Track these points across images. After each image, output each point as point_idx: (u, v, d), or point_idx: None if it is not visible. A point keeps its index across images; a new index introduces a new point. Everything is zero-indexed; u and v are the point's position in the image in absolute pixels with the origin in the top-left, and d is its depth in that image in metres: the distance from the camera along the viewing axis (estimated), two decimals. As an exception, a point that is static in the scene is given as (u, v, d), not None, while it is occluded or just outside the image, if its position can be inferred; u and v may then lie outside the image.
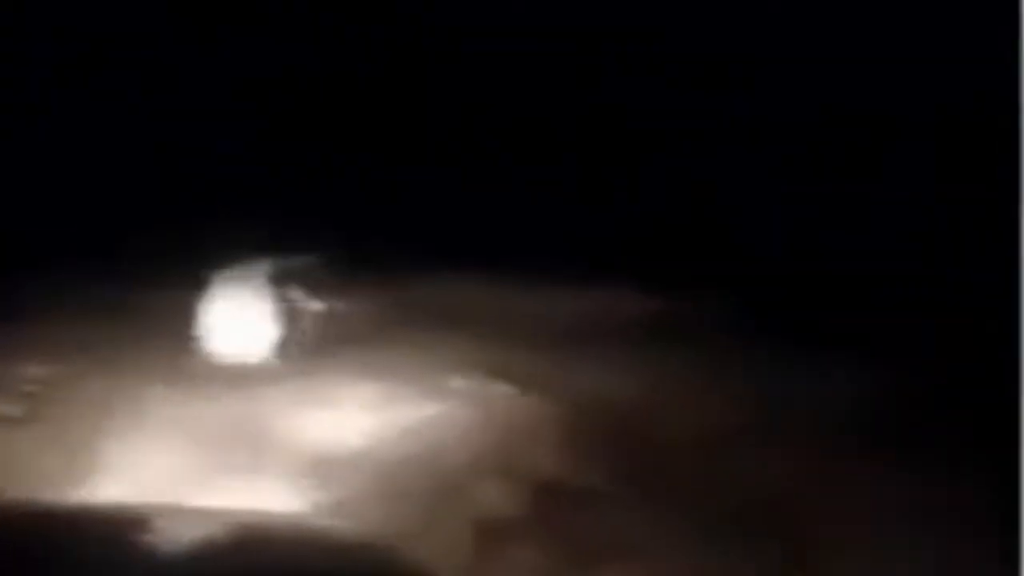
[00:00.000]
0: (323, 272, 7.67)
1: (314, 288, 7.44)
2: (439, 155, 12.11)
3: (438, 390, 6.59)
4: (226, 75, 12.86)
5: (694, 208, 10.79)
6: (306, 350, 7.02)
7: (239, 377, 6.79)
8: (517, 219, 10.55)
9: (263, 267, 7.38)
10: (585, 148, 12.31)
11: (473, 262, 9.06)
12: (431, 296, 8.22)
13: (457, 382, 6.65)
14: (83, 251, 9.38)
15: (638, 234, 10.34)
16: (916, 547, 4.96)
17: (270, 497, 5.22)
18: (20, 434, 5.96)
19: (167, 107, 12.50)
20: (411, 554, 4.70)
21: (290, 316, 7.19)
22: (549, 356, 7.12)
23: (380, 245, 9.50)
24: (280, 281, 7.41)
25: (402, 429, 6.09)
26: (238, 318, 7.12)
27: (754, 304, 8.45)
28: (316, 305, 7.29)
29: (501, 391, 6.54)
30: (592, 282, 8.69)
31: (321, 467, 5.63)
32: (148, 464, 5.59)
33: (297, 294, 7.25)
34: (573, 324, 7.84)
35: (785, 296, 8.62)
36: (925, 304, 8.26)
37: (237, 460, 5.62)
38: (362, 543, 4.75)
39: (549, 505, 5.31)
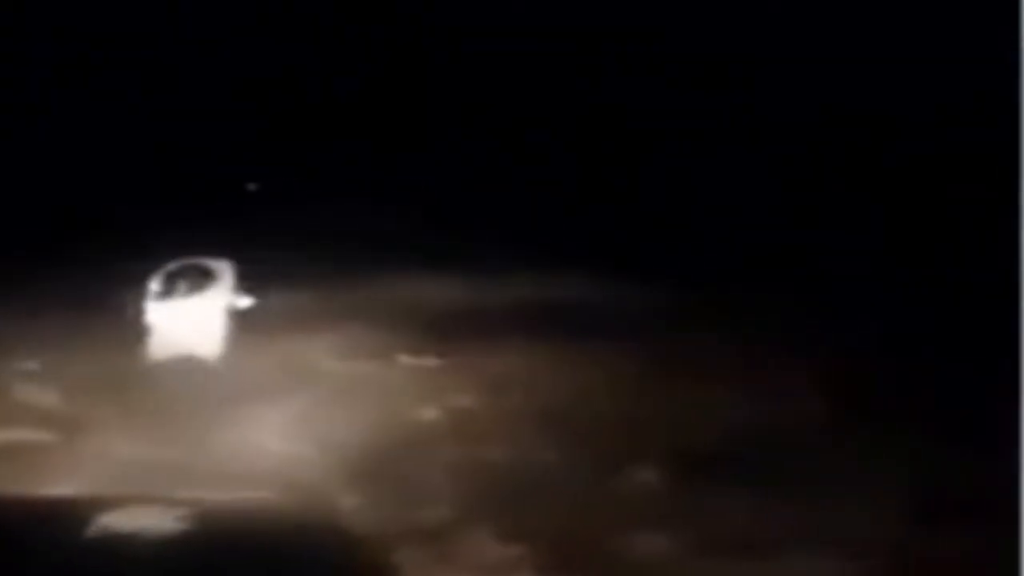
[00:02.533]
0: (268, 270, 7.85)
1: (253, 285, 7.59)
2: (439, 155, 12.12)
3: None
4: (226, 75, 12.86)
5: (694, 208, 10.80)
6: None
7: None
8: (516, 218, 10.56)
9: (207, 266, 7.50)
10: (585, 148, 12.31)
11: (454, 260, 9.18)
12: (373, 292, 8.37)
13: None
14: (80, 251, 9.38)
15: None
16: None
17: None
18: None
19: (167, 107, 12.51)
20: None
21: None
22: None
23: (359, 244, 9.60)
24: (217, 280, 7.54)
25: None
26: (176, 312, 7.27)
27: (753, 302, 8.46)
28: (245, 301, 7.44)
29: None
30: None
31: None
32: (100, 457, 5.62)
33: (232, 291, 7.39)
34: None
35: (782, 294, 8.63)
36: (925, 304, 8.27)
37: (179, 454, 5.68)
38: (314, 521, 4.81)
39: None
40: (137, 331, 7.16)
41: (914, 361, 7.21)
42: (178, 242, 8.71)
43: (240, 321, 7.31)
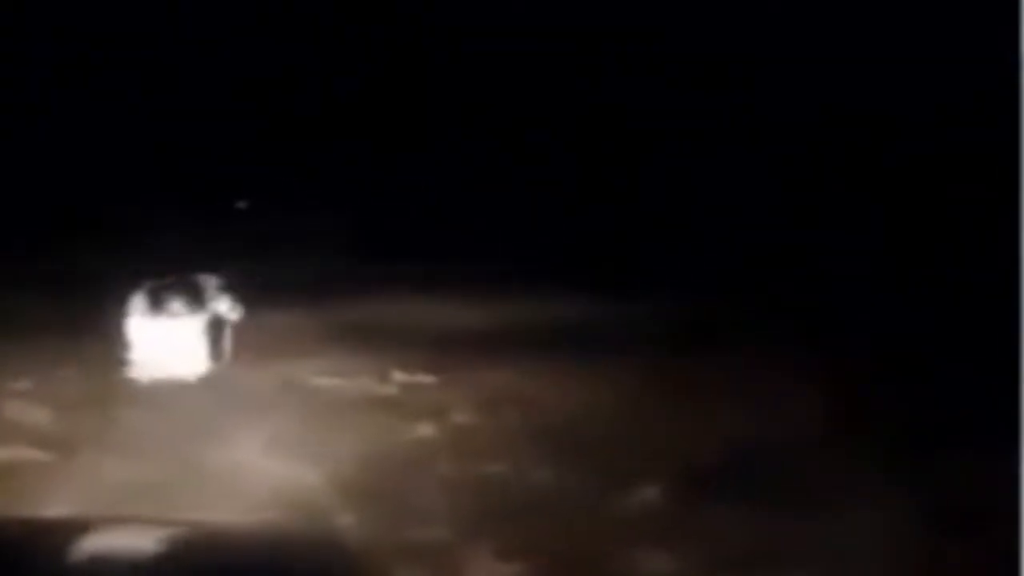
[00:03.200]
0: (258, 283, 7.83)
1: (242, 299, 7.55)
2: (439, 155, 12.12)
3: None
4: (226, 75, 12.86)
5: (694, 208, 10.81)
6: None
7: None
8: (516, 219, 10.56)
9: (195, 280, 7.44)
10: (585, 148, 12.31)
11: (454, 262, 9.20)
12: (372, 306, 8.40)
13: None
14: (77, 258, 9.38)
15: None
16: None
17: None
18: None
19: (167, 107, 12.51)
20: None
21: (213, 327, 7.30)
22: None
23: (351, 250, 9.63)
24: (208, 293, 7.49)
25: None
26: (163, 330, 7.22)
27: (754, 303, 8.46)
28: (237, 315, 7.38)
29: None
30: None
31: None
32: (89, 478, 5.59)
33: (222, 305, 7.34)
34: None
35: (783, 296, 8.63)
36: (925, 304, 8.27)
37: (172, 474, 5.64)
38: (312, 540, 4.78)
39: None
40: (126, 349, 7.13)
41: (914, 361, 7.20)
42: (177, 248, 8.70)
43: (235, 338, 7.27)
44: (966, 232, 9.58)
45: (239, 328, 7.35)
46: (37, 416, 6.38)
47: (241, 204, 10.88)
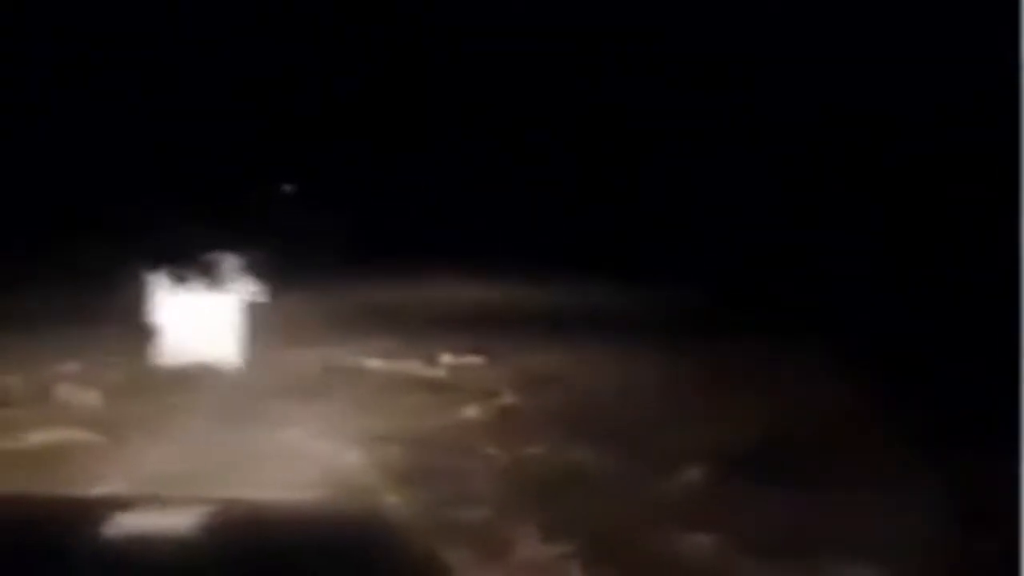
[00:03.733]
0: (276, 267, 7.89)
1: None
2: (439, 155, 12.12)
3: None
4: (226, 75, 12.86)
5: (694, 208, 10.81)
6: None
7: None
8: (516, 219, 10.56)
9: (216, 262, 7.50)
10: (585, 148, 12.31)
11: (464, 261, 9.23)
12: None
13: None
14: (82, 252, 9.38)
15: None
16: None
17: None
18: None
19: (167, 107, 12.51)
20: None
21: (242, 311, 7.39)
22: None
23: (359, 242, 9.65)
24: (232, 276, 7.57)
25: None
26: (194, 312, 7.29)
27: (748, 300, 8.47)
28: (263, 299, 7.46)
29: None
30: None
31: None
32: (138, 459, 5.62)
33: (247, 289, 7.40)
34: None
35: (781, 294, 8.63)
36: (924, 302, 8.26)
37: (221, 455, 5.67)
38: (358, 519, 4.80)
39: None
40: (155, 332, 7.22)
41: (914, 361, 7.20)
42: (185, 242, 8.75)
43: (276, 321, 7.35)
44: (966, 232, 9.58)
45: (279, 311, 7.43)
46: (87, 399, 6.45)
47: (287, 187, 10.91)
